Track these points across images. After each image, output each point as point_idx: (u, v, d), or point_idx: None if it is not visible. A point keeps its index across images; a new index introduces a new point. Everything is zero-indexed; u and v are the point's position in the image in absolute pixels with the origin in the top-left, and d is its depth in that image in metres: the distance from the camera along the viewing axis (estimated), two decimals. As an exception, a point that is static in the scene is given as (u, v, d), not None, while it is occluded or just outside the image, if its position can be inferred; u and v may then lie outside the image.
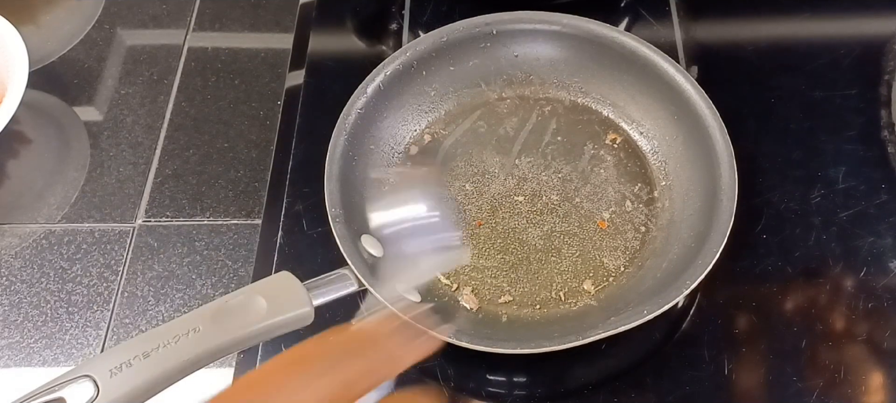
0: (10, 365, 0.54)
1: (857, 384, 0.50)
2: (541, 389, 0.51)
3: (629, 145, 0.60)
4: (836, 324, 0.53)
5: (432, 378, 0.51)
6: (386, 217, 0.54)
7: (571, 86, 0.63)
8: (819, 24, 0.70)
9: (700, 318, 0.53)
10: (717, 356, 0.51)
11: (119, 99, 0.68)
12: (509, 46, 0.62)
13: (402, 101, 0.60)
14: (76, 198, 0.62)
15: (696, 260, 0.49)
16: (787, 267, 0.55)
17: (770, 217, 0.57)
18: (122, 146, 0.65)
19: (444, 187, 0.59)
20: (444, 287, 0.54)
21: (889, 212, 0.57)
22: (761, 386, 0.50)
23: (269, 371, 0.29)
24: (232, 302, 0.45)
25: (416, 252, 0.47)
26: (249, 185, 0.62)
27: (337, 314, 0.54)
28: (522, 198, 0.58)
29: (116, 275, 0.58)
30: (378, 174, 0.58)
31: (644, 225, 0.56)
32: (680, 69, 0.58)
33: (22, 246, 0.59)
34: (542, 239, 0.56)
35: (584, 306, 0.53)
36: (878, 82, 0.65)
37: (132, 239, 0.59)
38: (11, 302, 0.57)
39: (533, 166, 0.60)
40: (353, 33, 0.71)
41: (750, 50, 0.68)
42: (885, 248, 0.56)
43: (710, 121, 0.55)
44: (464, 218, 0.57)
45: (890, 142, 0.61)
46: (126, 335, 0.55)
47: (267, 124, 0.65)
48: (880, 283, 0.54)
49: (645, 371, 0.52)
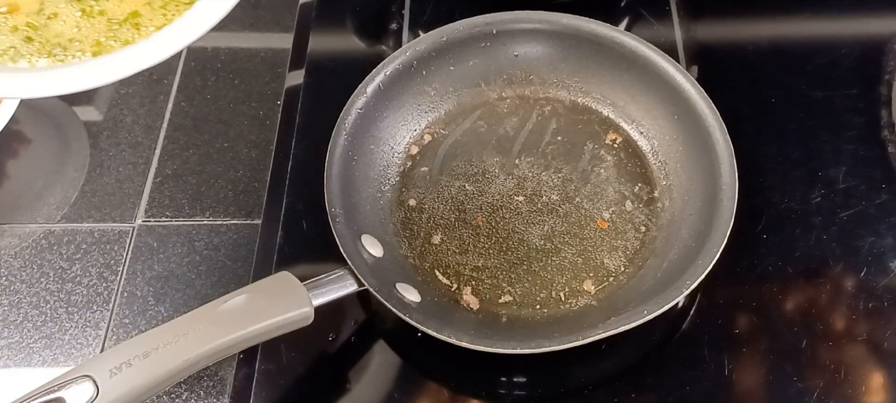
0: (10, 365, 0.54)
1: (858, 384, 0.50)
2: (541, 389, 0.51)
3: (629, 145, 0.60)
4: (837, 324, 0.53)
5: (432, 378, 0.51)
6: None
7: (571, 86, 0.63)
8: (819, 24, 0.70)
9: (700, 318, 0.53)
10: (717, 356, 0.51)
11: (119, 99, 0.68)
12: (509, 46, 0.62)
13: (401, 101, 0.60)
14: (76, 197, 0.62)
15: (696, 260, 0.49)
16: (788, 267, 0.55)
17: (770, 217, 0.57)
18: (121, 146, 0.65)
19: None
20: (444, 287, 0.54)
21: (889, 212, 0.57)
22: (761, 386, 0.50)
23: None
24: (232, 302, 0.45)
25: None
26: (249, 185, 0.62)
27: (337, 314, 0.54)
28: (522, 198, 0.58)
29: (116, 275, 0.58)
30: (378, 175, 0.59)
31: (644, 225, 0.56)
32: (680, 69, 0.58)
33: (22, 246, 0.59)
34: (542, 239, 0.56)
35: (584, 306, 0.53)
36: (878, 82, 0.65)
37: (132, 239, 0.59)
38: (11, 302, 0.57)
39: (533, 166, 0.59)
40: (353, 33, 0.71)
41: (750, 50, 0.68)
42: (885, 248, 0.56)
43: (710, 121, 0.55)
44: (464, 218, 0.57)
45: (890, 142, 0.61)
46: (126, 335, 0.55)
47: (267, 124, 0.65)
48: (880, 283, 0.54)
49: (645, 371, 0.52)
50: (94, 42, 0.37)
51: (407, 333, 0.50)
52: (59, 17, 0.38)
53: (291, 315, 0.46)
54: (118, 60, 0.35)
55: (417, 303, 0.51)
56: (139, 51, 0.35)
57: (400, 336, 0.53)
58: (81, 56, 0.36)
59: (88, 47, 0.37)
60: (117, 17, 0.38)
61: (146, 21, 0.38)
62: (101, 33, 0.38)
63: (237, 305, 0.45)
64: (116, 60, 0.35)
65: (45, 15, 0.38)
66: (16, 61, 0.37)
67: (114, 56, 0.36)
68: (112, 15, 0.38)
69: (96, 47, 0.37)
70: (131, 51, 0.36)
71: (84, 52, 0.37)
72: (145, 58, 0.35)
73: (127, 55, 0.35)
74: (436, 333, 0.48)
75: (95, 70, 0.35)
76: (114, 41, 0.37)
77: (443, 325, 0.48)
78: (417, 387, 0.51)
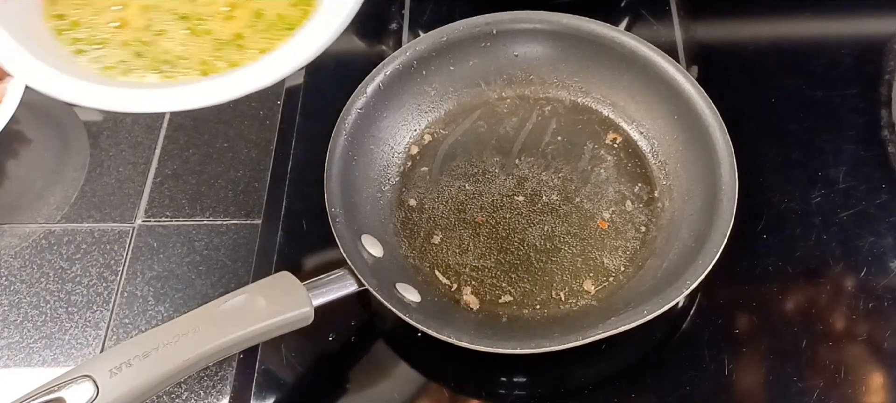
0: (10, 365, 0.54)
1: (858, 384, 0.50)
2: (541, 389, 0.51)
3: (629, 145, 0.60)
4: (837, 324, 0.53)
5: (432, 378, 0.51)
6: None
7: (571, 86, 0.63)
8: (819, 24, 0.70)
9: (700, 318, 0.53)
10: (717, 356, 0.51)
11: (119, 99, 0.68)
12: (509, 46, 0.62)
13: (401, 101, 0.60)
14: (76, 197, 0.62)
15: (696, 260, 0.49)
16: (788, 267, 0.55)
17: (770, 217, 0.57)
18: (121, 146, 0.65)
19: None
20: (444, 287, 0.54)
21: (889, 212, 0.57)
22: (761, 386, 0.50)
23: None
24: (232, 302, 0.45)
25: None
26: (249, 185, 0.62)
27: (337, 314, 0.54)
28: (522, 198, 0.58)
29: (116, 275, 0.58)
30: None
31: (644, 225, 0.56)
32: (680, 69, 0.58)
33: (22, 246, 0.59)
34: (542, 239, 0.56)
35: (584, 306, 0.53)
36: (878, 82, 0.65)
37: (132, 239, 0.59)
38: (11, 302, 0.57)
39: (533, 166, 0.59)
40: (353, 33, 0.70)
41: (750, 50, 0.68)
42: (885, 248, 0.56)
43: (710, 121, 0.55)
44: (464, 218, 0.57)
45: (890, 142, 0.61)
46: (126, 335, 0.55)
47: (267, 124, 0.65)
48: (881, 283, 0.54)
49: (645, 371, 0.52)
50: (200, 61, 0.38)
51: (407, 333, 0.50)
52: (167, 34, 0.39)
53: (291, 315, 0.46)
54: (228, 81, 0.36)
55: (417, 303, 0.51)
56: (249, 73, 0.35)
57: (400, 336, 0.53)
58: (189, 74, 0.37)
59: (196, 66, 0.38)
60: (222, 38, 0.39)
61: (249, 43, 0.39)
62: (207, 52, 0.39)
63: (237, 305, 0.45)
64: (227, 81, 0.36)
65: (153, 31, 0.39)
66: (126, 75, 0.37)
67: (224, 77, 0.36)
68: (217, 35, 0.39)
69: (203, 66, 0.38)
70: (241, 73, 0.36)
71: (192, 70, 0.37)
72: (254, 80, 0.35)
73: (237, 77, 0.36)
74: (436, 333, 0.48)
75: (207, 90, 0.36)
76: (219, 61, 0.38)
77: (443, 325, 0.48)
78: (417, 387, 0.51)
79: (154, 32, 0.39)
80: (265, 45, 0.38)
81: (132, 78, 0.37)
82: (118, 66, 0.38)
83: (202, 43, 0.39)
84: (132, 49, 0.38)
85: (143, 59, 0.38)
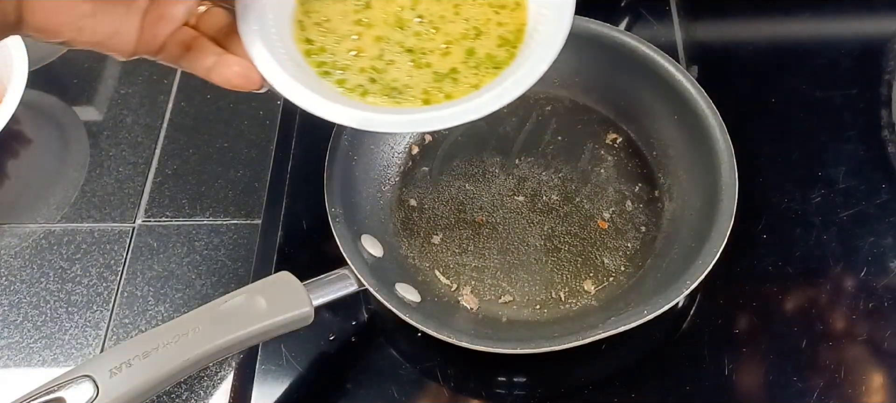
0: (9, 365, 0.54)
1: (857, 384, 0.50)
2: (541, 389, 0.51)
3: (629, 145, 0.60)
4: (837, 324, 0.53)
5: (432, 378, 0.51)
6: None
7: (571, 86, 0.62)
8: (819, 24, 0.70)
9: (700, 318, 0.53)
10: (717, 356, 0.51)
11: (119, 99, 0.68)
12: (509, 46, 0.62)
13: (402, 101, 0.60)
14: (76, 197, 0.62)
15: (696, 260, 0.49)
16: (788, 267, 0.55)
17: (770, 217, 0.57)
18: (121, 146, 0.65)
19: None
20: (444, 287, 0.54)
21: (889, 212, 0.57)
22: (761, 386, 0.50)
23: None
24: (232, 302, 0.45)
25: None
26: (249, 185, 0.62)
27: (337, 314, 0.54)
28: (522, 198, 0.58)
29: (116, 275, 0.58)
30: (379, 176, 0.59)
31: (644, 225, 0.56)
32: (680, 69, 0.58)
33: (22, 246, 0.59)
34: (542, 239, 0.56)
35: (584, 306, 0.53)
36: (878, 82, 0.65)
37: (132, 239, 0.59)
38: (11, 302, 0.57)
39: (533, 166, 0.59)
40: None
41: (750, 50, 0.68)
42: (885, 248, 0.56)
43: (710, 121, 0.55)
44: (464, 218, 0.57)
45: (890, 142, 0.61)
46: (126, 335, 0.55)
47: (267, 124, 0.65)
48: (880, 283, 0.54)
49: (645, 371, 0.52)
50: (422, 90, 0.43)
51: (407, 333, 0.50)
52: (395, 65, 0.44)
53: (291, 315, 0.46)
54: (448, 112, 0.42)
55: (417, 303, 0.51)
56: (464, 107, 0.41)
57: (400, 336, 0.53)
58: (414, 102, 0.43)
59: (419, 94, 0.43)
60: (441, 71, 0.44)
61: (462, 77, 0.44)
62: (428, 83, 0.44)
63: (237, 305, 0.45)
64: (446, 112, 0.42)
65: (385, 60, 0.44)
66: (363, 98, 0.43)
67: (442, 108, 0.42)
68: (436, 68, 0.44)
69: (425, 96, 0.43)
70: (458, 105, 0.42)
71: (416, 99, 0.43)
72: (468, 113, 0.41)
73: (454, 109, 0.41)
74: (435, 333, 0.48)
75: (430, 117, 0.42)
76: (438, 92, 0.43)
77: (442, 325, 0.48)
78: (417, 387, 0.51)
79: (386, 61, 0.45)
80: (476, 81, 0.44)
81: (368, 101, 0.43)
82: (356, 90, 0.43)
83: (424, 74, 0.44)
84: (367, 75, 0.44)
85: (376, 85, 0.44)
